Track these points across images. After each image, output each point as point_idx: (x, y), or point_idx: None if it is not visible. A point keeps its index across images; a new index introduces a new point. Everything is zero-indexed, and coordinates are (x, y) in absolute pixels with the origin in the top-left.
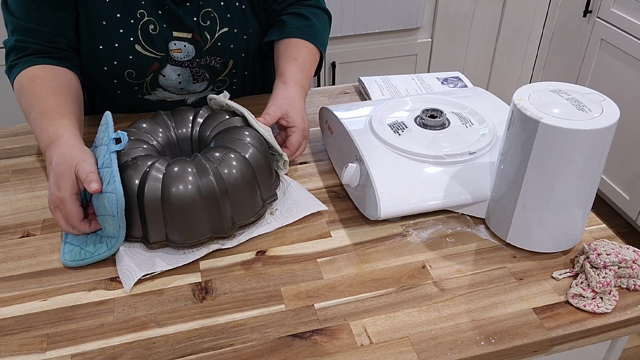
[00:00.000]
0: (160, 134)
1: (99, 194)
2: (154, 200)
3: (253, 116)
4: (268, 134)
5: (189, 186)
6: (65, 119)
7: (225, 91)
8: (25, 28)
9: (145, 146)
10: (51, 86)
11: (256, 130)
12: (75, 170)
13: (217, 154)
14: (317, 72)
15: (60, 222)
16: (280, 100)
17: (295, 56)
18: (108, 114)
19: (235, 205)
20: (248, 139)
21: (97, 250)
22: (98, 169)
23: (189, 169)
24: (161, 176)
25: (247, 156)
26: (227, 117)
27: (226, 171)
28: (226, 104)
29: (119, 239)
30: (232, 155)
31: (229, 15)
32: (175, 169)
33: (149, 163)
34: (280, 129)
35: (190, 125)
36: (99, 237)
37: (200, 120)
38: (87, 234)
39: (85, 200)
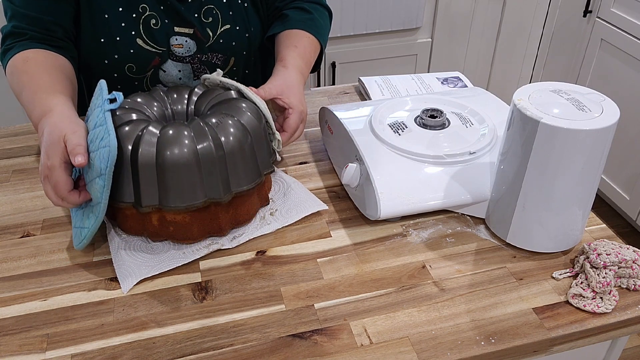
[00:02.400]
0: (156, 107)
1: (90, 154)
2: (148, 160)
3: (249, 89)
4: (264, 106)
5: (185, 149)
6: (60, 94)
7: (218, 69)
8: (23, 15)
9: (139, 114)
10: (44, 67)
11: (252, 101)
12: (64, 140)
13: (214, 120)
14: (317, 68)
15: (50, 193)
16: (278, 81)
17: (296, 44)
18: (102, 82)
19: (231, 169)
20: (245, 107)
21: (89, 223)
22: (91, 130)
23: (185, 133)
24: (156, 139)
25: (243, 122)
26: (223, 91)
27: (223, 134)
28: (220, 81)
29: (102, 202)
30: (230, 122)
31: (231, 13)
32: (170, 131)
33: (143, 126)
34: (278, 111)
35: (185, 101)
36: (90, 208)
37: (195, 98)
38: (79, 207)
39: (77, 174)
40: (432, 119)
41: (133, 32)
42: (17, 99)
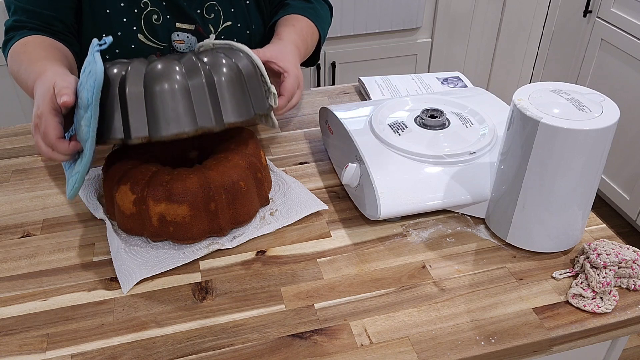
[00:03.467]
0: None
1: (78, 94)
2: (136, 90)
3: (244, 46)
4: (258, 59)
5: (175, 84)
6: (57, 61)
7: (211, 35)
8: (24, 10)
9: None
10: (42, 46)
11: (248, 54)
12: (53, 87)
13: (207, 59)
14: (316, 60)
15: (40, 144)
16: (272, 47)
17: (293, 23)
18: (95, 40)
19: (223, 101)
20: (241, 55)
21: (79, 166)
22: (81, 76)
23: (177, 68)
24: (144, 70)
25: (240, 65)
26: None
27: (216, 70)
28: (213, 44)
29: (91, 135)
30: (224, 61)
31: (232, 10)
32: (159, 65)
33: (129, 65)
34: (273, 79)
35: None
36: (81, 155)
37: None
38: (71, 162)
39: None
40: (432, 119)
41: (134, 28)
42: (15, 81)
